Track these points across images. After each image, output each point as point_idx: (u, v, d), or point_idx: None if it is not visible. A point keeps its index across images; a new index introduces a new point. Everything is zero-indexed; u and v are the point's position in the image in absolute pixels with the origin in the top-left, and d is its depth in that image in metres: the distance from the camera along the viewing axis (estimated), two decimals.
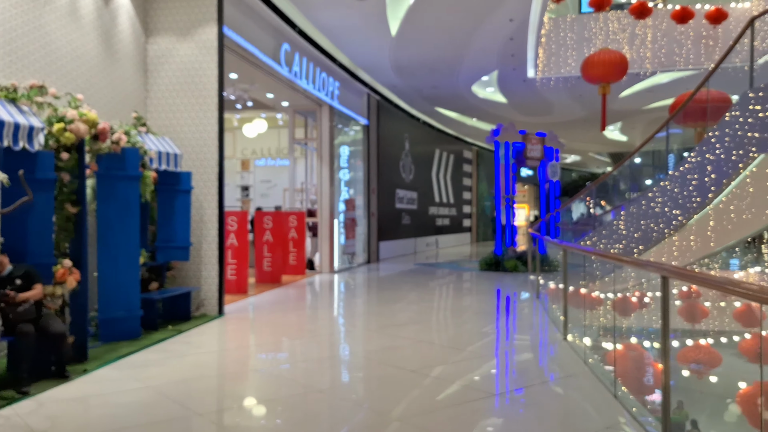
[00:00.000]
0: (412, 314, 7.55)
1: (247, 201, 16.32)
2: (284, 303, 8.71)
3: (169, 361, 5.04)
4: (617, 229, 10.73)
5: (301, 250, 12.10)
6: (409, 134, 18.60)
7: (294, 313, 7.67)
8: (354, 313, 7.99)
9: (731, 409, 4.40)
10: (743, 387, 4.23)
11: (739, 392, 4.19)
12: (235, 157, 16.44)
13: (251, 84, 10.73)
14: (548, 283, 10.11)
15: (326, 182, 12.54)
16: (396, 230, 17.52)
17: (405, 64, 13.00)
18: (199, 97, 7.42)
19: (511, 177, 13.09)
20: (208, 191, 7.41)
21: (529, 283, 11.04)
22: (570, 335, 5.84)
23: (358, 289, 10.66)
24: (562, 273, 9.03)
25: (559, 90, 15.41)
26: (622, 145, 28.22)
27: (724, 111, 11.14)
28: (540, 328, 6.74)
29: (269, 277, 10.88)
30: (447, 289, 10.41)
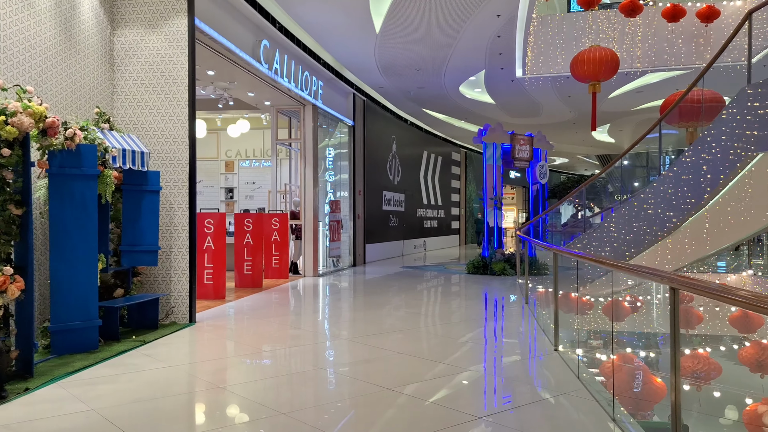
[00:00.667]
0: (395, 321, 7.15)
1: (231, 203, 15.88)
2: (262, 309, 8.29)
3: (124, 377, 4.61)
4: (608, 231, 10.42)
5: (283, 253, 11.68)
6: (396, 136, 18.24)
7: (270, 321, 7.26)
8: (333, 320, 7.59)
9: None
10: (749, 403, 3.87)
11: (746, 410, 3.83)
12: (219, 158, 15.99)
13: (231, 82, 10.31)
14: (537, 288, 9.77)
15: (310, 184, 12.13)
16: (383, 232, 17.14)
17: (391, 62, 12.64)
18: (169, 93, 6.99)
19: (498, 178, 12.75)
20: (178, 192, 6.98)
21: (517, 286, 10.69)
22: (561, 345, 5.47)
23: (341, 293, 10.26)
24: (551, 277, 8.70)
25: (547, 90, 15.12)
26: (610, 147, 28.04)
27: (716, 111, 10.89)
28: (529, 337, 6.37)
29: (250, 281, 10.45)
30: (433, 294, 10.03)
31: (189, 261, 6.93)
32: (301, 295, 9.86)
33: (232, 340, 6.13)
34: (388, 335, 6.22)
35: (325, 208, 13.32)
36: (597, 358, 5.54)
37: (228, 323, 7.13)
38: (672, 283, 2.77)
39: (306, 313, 7.93)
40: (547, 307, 8.01)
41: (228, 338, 6.23)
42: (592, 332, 7.13)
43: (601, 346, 6.28)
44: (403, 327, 6.68)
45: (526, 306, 8.34)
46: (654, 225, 9.24)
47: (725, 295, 2.20)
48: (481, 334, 6.45)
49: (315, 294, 10.12)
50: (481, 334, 6.48)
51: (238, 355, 5.51)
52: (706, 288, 2.75)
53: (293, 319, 7.44)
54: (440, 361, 5.11)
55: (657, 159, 13.03)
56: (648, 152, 14.00)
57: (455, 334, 6.31)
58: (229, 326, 6.94)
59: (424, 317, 7.51)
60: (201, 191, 16.00)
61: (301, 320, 7.43)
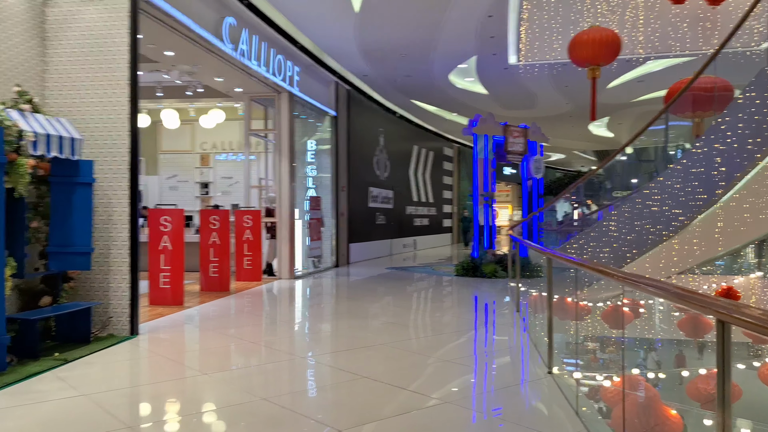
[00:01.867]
0: (369, 334, 6.27)
1: (207, 199, 14.96)
2: (220, 318, 7.40)
3: (17, 411, 3.71)
4: (607, 230, 9.57)
5: (256, 253, 10.78)
6: (384, 129, 17.33)
7: (225, 333, 6.36)
8: (299, 333, 6.70)
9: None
10: None
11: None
12: (194, 151, 15.07)
13: (194, 65, 9.39)
14: (530, 292, 8.91)
15: (286, 178, 11.22)
16: (369, 231, 16.25)
17: (373, 46, 11.73)
18: (108, 71, 6.08)
19: (490, 173, 11.87)
20: (117, 184, 6.08)
21: (509, 290, 9.82)
22: (556, 367, 4.60)
23: (315, 299, 9.37)
24: (545, 283, 7.87)
25: (543, 79, 14.24)
26: (608, 143, 27.21)
27: (724, 100, 10.02)
28: (519, 354, 5.50)
29: (216, 284, 9.54)
30: (415, 300, 9.15)
31: (130, 264, 6.02)
32: (270, 301, 8.97)
33: (172, 359, 5.23)
34: (357, 353, 5.34)
35: (305, 205, 12.43)
36: (598, 384, 4.68)
37: (176, 336, 6.23)
38: (717, 313, 1.90)
39: (269, 324, 7.04)
40: (539, 316, 7.15)
41: (168, 356, 5.33)
42: (593, 349, 6.28)
43: (603, 364, 5.42)
44: (377, 341, 5.80)
45: (518, 314, 7.47)
46: (659, 224, 8.39)
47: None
48: (465, 351, 5.57)
49: (286, 299, 9.23)
50: (464, 350, 5.61)
51: (170, 380, 4.62)
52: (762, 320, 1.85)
53: (252, 332, 6.55)
54: (409, 387, 4.23)
55: (662, 152, 12.15)
56: (654, 146, 13.14)
57: (434, 351, 5.43)
58: (176, 340, 6.04)
59: (403, 329, 6.62)
60: (175, 186, 15.10)
61: (261, 332, 6.54)
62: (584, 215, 10.64)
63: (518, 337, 6.21)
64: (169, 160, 15.13)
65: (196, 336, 6.20)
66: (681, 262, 8.25)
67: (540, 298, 7.48)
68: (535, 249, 5.93)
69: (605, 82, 14.78)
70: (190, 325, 6.72)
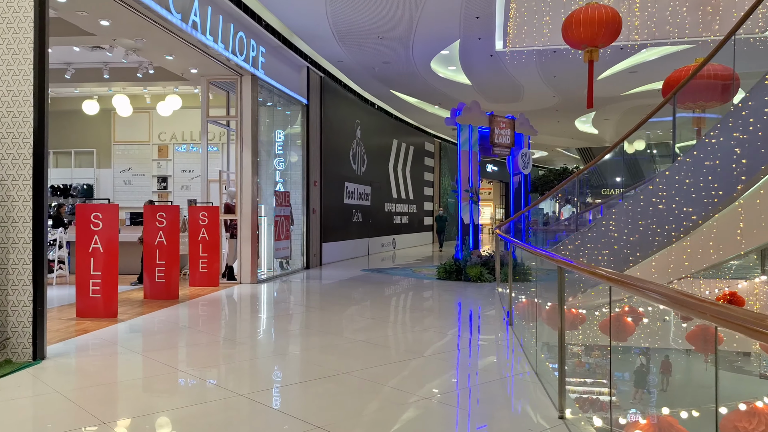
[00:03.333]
0: (328, 358, 5.17)
1: (165, 194, 13.70)
2: (157, 336, 6.24)
3: None
4: (606, 231, 8.60)
5: (213, 254, 9.60)
6: (361, 121, 16.22)
7: (155, 358, 5.21)
8: (246, 357, 5.56)
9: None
10: None
11: None
12: (150, 142, 13.79)
13: (137, 39, 8.17)
14: (520, 299, 7.92)
15: (248, 171, 10.05)
16: (344, 229, 15.14)
17: (348, 27, 10.61)
18: (4, 32, 4.87)
19: (475, 167, 10.84)
20: (18, 173, 4.88)
21: (496, 296, 8.80)
22: (569, 409, 3.54)
23: (277, 309, 8.24)
24: (541, 284, 6.87)
25: (530, 68, 13.26)
26: (592, 140, 26.45)
27: (728, 90, 9.11)
28: (518, 388, 4.44)
29: (163, 291, 8.35)
30: (393, 310, 8.05)
31: (33, 272, 4.83)
32: (223, 312, 7.81)
33: (71, 399, 4.05)
34: (316, 387, 4.24)
35: (270, 200, 11.27)
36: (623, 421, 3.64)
37: (91, 362, 5.05)
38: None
39: (211, 345, 5.89)
40: (536, 329, 6.13)
41: (68, 394, 4.15)
42: (599, 367, 5.26)
43: (619, 404, 4.39)
44: (342, 368, 4.69)
45: (511, 329, 6.42)
46: (667, 223, 7.42)
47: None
48: (449, 384, 4.50)
49: (242, 310, 8.08)
50: (448, 383, 4.53)
51: (61, 427, 3.46)
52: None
53: (189, 356, 5.40)
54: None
55: (663, 148, 11.21)
56: (652, 142, 12.26)
57: (405, 386, 4.35)
58: (89, 368, 4.87)
59: (375, 350, 5.53)
60: (129, 180, 13.82)
61: (200, 357, 5.39)
62: (575, 215, 9.65)
63: (514, 362, 5.16)
64: (124, 152, 13.84)
65: (115, 362, 5.02)
66: (693, 265, 7.30)
67: (534, 307, 6.47)
68: (543, 256, 4.83)
69: (595, 73, 13.85)
70: (115, 345, 5.54)
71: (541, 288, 7.80)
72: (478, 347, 5.68)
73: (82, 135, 13.83)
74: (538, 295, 7.60)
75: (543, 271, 8.38)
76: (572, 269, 3.61)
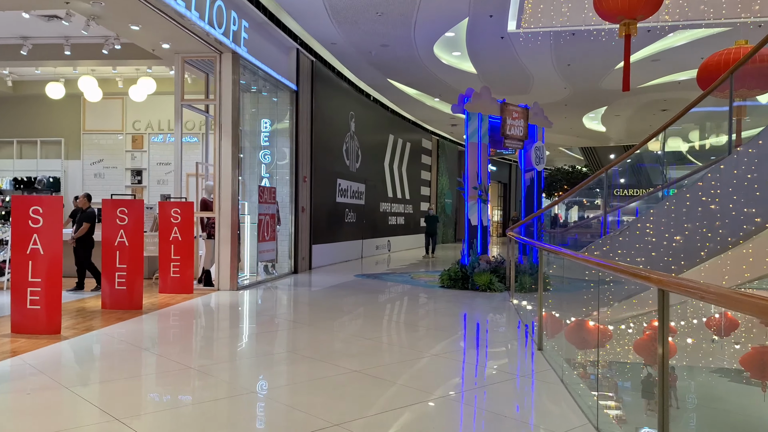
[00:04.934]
0: (319, 401, 3.93)
1: (139, 188, 12.42)
2: (100, 360, 5.00)
3: None
4: (642, 234, 7.44)
5: (187, 257, 8.35)
6: (355, 113, 15.00)
7: (87, 394, 3.96)
8: (211, 393, 4.31)
9: None
10: None
11: None
12: (124, 131, 12.50)
13: (93, 2, 6.89)
14: (552, 315, 6.76)
15: (227, 162, 8.81)
16: (336, 230, 13.90)
17: (344, 2, 9.37)
18: None
19: (485, 161, 9.64)
20: None
21: (511, 310, 7.59)
22: None
23: (256, 323, 6.99)
24: (571, 295, 5.75)
25: (544, 54, 12.09)
26: (598, 138, 25.37)
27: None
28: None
29: (125, 299, 7.09)
30: (392, 327, 6.81)
31: None
32: (190, 329, 6.55)
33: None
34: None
35: (253, 197, 10.03)
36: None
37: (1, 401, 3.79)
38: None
39: (164, 376, 4.63)
40: (578, 358, 4.98)
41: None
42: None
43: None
44: (325, 419, 3.46)
45: (541, 355, 5.20)
46: (722, 226, 6.25)
47: None
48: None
49: (214, 324, 6.84)
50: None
51: None
52: None
53: (128, 394, 4.14)
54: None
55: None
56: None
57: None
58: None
59: (368, 387, 4.29)
60: (101, 173, 12.53)
61: (143, 397, 4.14)
62: (604, 217, 8.48)
63: (558, 406, 3.95)
64: (95, 142, 12.54)
65: (27, 403, 3.76)
66: (755, 274, 6.16)
67: (582, 331, 5.30)
68: (619, 271, 3.48)
69: (614, 61, 12.72)
70: (42, 376, 4.28)
71: (577, 301, 6.60)
72: (506, 382, 4.46)
73: (48, 123, 12.53)
74: (572, 310, 6.43)
75: (572, 281, 7.20)
76: (687, 292, 2.39)
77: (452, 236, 25.40)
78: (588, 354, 5.10)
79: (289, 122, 11.27)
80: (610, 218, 11.43)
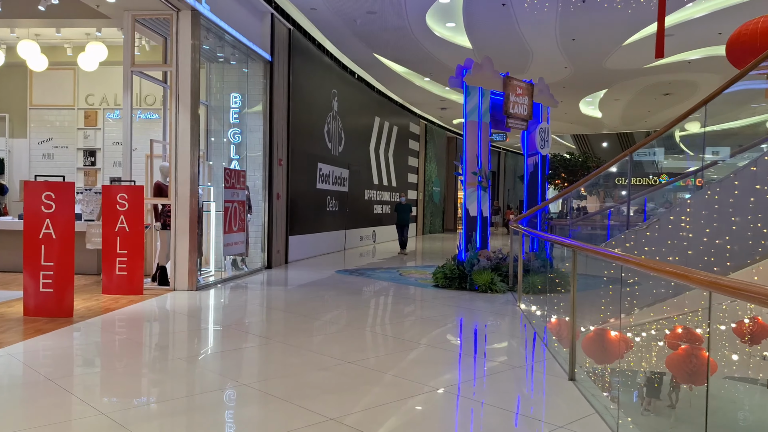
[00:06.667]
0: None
1: (92, 171, 11.02)
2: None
3: None
4: (675, 229, 6.33)
5: (136, 251, 7.05)
6: (338, 91, 13.68)
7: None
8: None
9: None
10: None
11: None
12: (76, 106, 11.05)
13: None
14: (579, 328, 5.67)
15: (185, 139, 7.49)
16: (317, 219, 12.65)
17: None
18: None
19: (486, 143, 8.43)
20: None
21: (518, 317, 6.42)
22: None
23: (217, 336, 5.73)
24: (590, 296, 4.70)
25: (548, 26, 10.88)
26: (592, 125, 24.32)
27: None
28: None
29: (52, 305, 5.79)
30: (374, 344, 5.56)
31: None
32: (127, 346, 5.26)
33: None
34: None
35: (219, 181, 8.73)
36: None
37: None
38: None
39: (51, 428, 3.36)
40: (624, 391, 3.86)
41: None
42: None
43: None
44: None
45: (575, 388, 4.02)
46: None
47: None
48: None
49: (160, 340, 5.56)
50: None
51: None
52: None
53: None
54: None
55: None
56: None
57: None
58: None
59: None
60: (50, 153, 11.09)
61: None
62: (625, 209, 7.32)
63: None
64: (43, 119, 11.09)
65: None
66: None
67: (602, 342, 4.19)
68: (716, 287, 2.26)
69: (623, 36, 11.55)
70: None
71: (601, 308, 5.48)
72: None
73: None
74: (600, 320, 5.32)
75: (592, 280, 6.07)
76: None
77: (440, 226, 24.26)
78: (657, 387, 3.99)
79: (262, 97, 9.94)
80: (623, 210, 10.30)
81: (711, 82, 14.80)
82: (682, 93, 16.86)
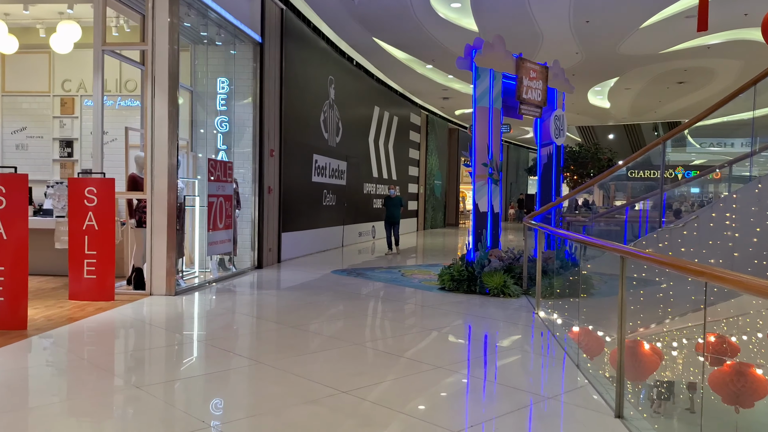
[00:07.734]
0: None
1: (69, 163, 10.21)
2: None
3: None
4: (718, 227, 5.57)
5: (106, 252, 6.26)
6: (335, 78, 12.87)
7: None
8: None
9: None
10: None
11: None
12: (51, 93, 10.23)
13: None
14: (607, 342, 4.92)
15: (163, 129, 6.69)
16: (312, 215, 11.87)
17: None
18: None
19: (497, 130, 7.64)
20: None
21: (538, 325, 5.65)
22: None
23: (197, 355, 4.95)
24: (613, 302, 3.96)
25: (561, 6, 10.07)
26: (599, 116, 23.51)
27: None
28: None
29: (6, 316, 5.01)
30: (373, 360, 4.77)
31: None
32: (84, 369, 4.46)
33: None
34: None
35: (202, 172, 7.94)
36: None
37: None
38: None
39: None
40: None
41: None
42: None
43: None
44: None
45: (618, 421, 3.25)
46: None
47: None
48: None
49: (127, 360, 4.79)
50: None
51: None
52: None
53: None
54: None
55: None
56: None
57: None
58: None
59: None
60: (23, 144, 10.28)
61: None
62: (661, 204, 6.53)
63: None
64: (16, 106, 10.27)
65: None
66: None
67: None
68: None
69: (641, 17, 10.74)
70: None
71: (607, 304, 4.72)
72: None
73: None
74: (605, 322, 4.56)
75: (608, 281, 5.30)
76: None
77: (441, 221, 23.47)
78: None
79: (252, 83, 9.14)
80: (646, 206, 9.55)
81: (730, 68, 14.00)
82: (696, 81, 16.05)
